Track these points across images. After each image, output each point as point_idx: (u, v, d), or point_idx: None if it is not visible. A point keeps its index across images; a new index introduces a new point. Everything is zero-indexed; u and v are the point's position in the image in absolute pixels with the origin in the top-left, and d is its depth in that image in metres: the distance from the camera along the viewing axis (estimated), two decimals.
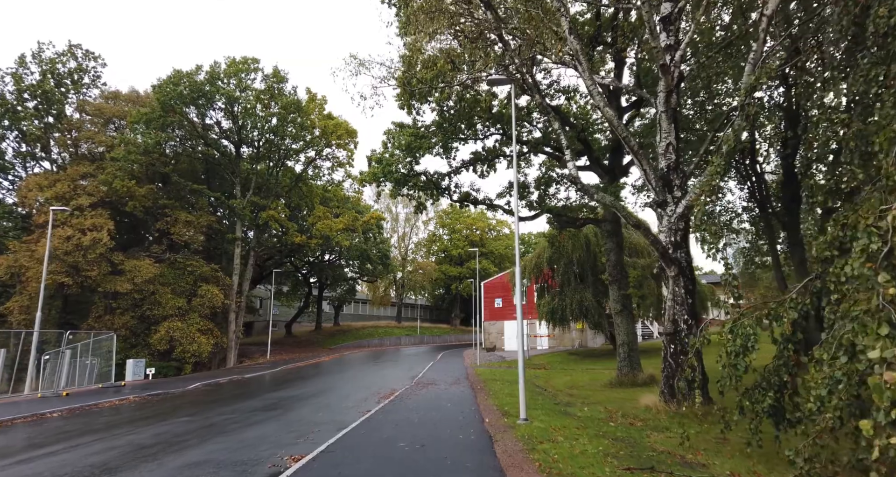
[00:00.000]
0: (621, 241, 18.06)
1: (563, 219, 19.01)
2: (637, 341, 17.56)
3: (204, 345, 31.38)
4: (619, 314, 17.45)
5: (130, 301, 30.24)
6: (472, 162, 20.53)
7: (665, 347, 10.48)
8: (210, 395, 17.67)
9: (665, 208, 10.53)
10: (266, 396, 16.17)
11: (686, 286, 10.29)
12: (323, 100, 37.72)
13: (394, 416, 11.35)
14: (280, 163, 38.82)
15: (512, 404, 12.07)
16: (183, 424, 11.07)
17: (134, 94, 34.56)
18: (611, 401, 12.83)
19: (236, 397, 16.37)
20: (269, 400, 15.18)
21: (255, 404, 14.17)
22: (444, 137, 18.92)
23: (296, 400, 14.93)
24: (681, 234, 10.40)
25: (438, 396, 15.02)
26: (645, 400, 10.85)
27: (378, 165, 18.26)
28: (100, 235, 28.03)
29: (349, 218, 40.18)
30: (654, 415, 10.02)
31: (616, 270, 17.63)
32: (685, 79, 11.35)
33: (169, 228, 32.26)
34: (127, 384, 23.16)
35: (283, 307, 58.74)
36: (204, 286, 32.75)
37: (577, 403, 12.78)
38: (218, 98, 32.05)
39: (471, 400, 13.72)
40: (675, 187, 10.48)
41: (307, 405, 13.67)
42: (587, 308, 28.11)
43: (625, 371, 17.01)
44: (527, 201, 19.57)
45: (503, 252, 66.52)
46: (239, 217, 34.92)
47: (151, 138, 29.97)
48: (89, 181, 30.73)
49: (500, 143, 20.20)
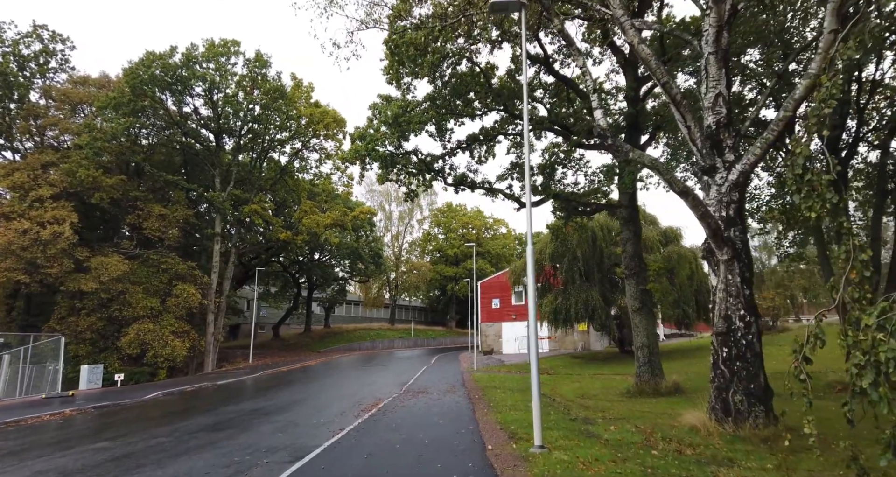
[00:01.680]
0: (639, 229, 15.85)
1: (572, 205, 16.79)
2: (658, 344, 15.37)
3: (178, 348, 28.90)
4: (638, 312, 15.22)
5: (97, 301, 27.75)
6: (468, 143, 18.29)
7: (715, 351, 8.24)
8: (161, 408, 15.29)
9: (713, 175, 8.32)
10: (225, 410, 13.78)
11: (742, 273, 8.07)
12: (310, 87, 35.45)
13: (371, 438, 9.07)
14: (264, 154, 36.45)
15: (519, 421, 9.79)
16: (89, 455, 8.64)
17: (104, 78, 32.14)
18: (638, 416, 10.57)
19: (188, 412, 13.99)
20: (226, 415, 12.81)
21: (205, 422, 11.79)
22: (436, 114, 16.66)
23: (258, 415, 12.59)
24: (734, 207, 8.19)
25: (430, 408, 12.74)
26: (688, 417, 8.59)
27: (362, 143, 15.95)
28: (61, 229, 25.59)
29: (338, 213, 37.81)
30: (704, 438, 7.77)
31: (634, 262, 15.41)
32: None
33: (141, 223, 29.78)
34: (78, 394, 20.68)
35: (272, 309, 56.21)
36: (180, 285, 30.30)
37: (597, 418, 10.52)
38: (194, 82, 29.67)
39: (468, 414, 11.44)
40: (726, 149, 8.27)
41: (269, 422, 11.33)
42: (593, 308, 25.90)
43: (645, 378, 14.78)
44: (531, 186, 17.25)
45: (500, 252, 64.29)
46: (218, 211, 32.50)
47: (120, 124, 27.53)
48: (54, 171, 28.30)
49: (501, 122, 17.98)
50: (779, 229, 17.98)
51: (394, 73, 16.83)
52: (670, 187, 7.65)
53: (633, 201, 15.75)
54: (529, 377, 21.07)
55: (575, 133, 16.56)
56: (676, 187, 7.55)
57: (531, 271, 7.62)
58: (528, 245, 7.30)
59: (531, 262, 7.74)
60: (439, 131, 18.18)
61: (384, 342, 52.15)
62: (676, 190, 7.57)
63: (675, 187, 7.56)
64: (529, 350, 7.17)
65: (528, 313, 26.36)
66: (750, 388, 7.76)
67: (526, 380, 20.98)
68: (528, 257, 7.74)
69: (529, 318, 7.40)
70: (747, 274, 8.12)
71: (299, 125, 34.83)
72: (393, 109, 15.53)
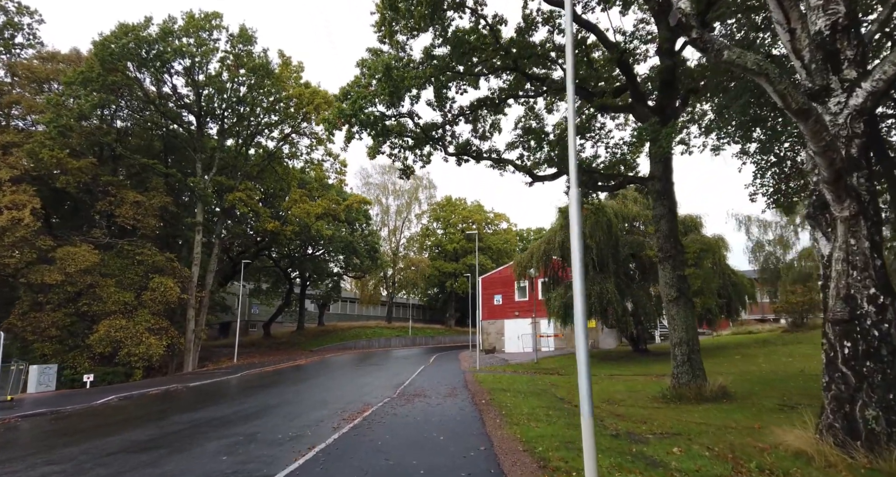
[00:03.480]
0: (675, 205, 13.44)
1: (594, 179, 14.37)
2: (698, 339, 12.98)
3: (154, 347, 26.42)
4: (675, 302, 12.84)
5: (63, 295, 25.27)
6: (472, 111, 15.86)
7: (831, 346, 5.85)
8: (101, 417, 12.78)
9: (826, 100, 5.94)
10: (175, 420, 11.31)
11: (871, 236, 5.68)
12: (299, 66, 32.97)
13: (347, 461, 6.67)
14: (251, 139, 33.95)
15: (546, 438, 7.40)
16: None
17: (75, 54, 29.63)
18: (696, 430, 8.18)
19: (128, 423, 11.49)
20: (171, 427, 10.35)
21: (137, 437, 9.30)
22: (435, 71, 14.21)
23: (213, 426, 10.16)
24: (859, 145, 5.80)
25: (428, 417, 10.34)
26: (788, 438, 6.19)
27: (347, 102, 13.47)
28: (21, 215, 23.11)
29: (329, 202, 35.32)
30: (822, 472, 5.38)
31: (669, 244, 13.02)
32: None
33: (113, 210, 27.30)
34: (24, 398, 18.20)
35: (264, 306, 53.71)
36: (157, 278, 27.81)
37: (645, 433, 8.13)
38: (170, 56, 27.14)
39: (476, 427, 9.05)
40: (844, 63, 5.89)
41: (220, 437, 8.90)
42: (608, 302, 23.49)
43: (684, 380, 12.40)
44: (545, 155, 14.81)
45: (501, 247, 61.95)
46: (200, 198, 30.03)
47: (88, 101, 25.04)
48: (17, 152, 25.79)
49: (512, 83, 15.53)
50: None
51: (387, 28, 14.44)
52: (783, 103, 5.26)
53: (668, 171, 13.36)
54: (540, 378, 18.61)
55: (597, 95, 14.16)
56: (793, 103, 5.15)
57: (577, 236, 5.21)
58: (572, 190, 4.90)
59: (577, 219, 5.31)
60: (439, 99, 15.77)
61: (381, 341, 49.74)
62: (793, 107, 5.17)
63: (791, 103, 5.16)
64: (578, 346, 4.77)
65: (533, 310, 23.64)
66: (889, 399, 5.36)
67: (536, 381, 18.58)
68: (573, 212, 5.32)
69: (576, 304, 5.00)
70: (877, 237, 5.73)
71: (287, 107, 32.37)
72: (385, 60, 13.08)
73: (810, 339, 23.73)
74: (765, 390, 12.74)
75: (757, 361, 20.42)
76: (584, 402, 4.61)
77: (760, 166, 13.76)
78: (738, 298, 26.06)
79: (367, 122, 14.05)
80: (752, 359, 20.94)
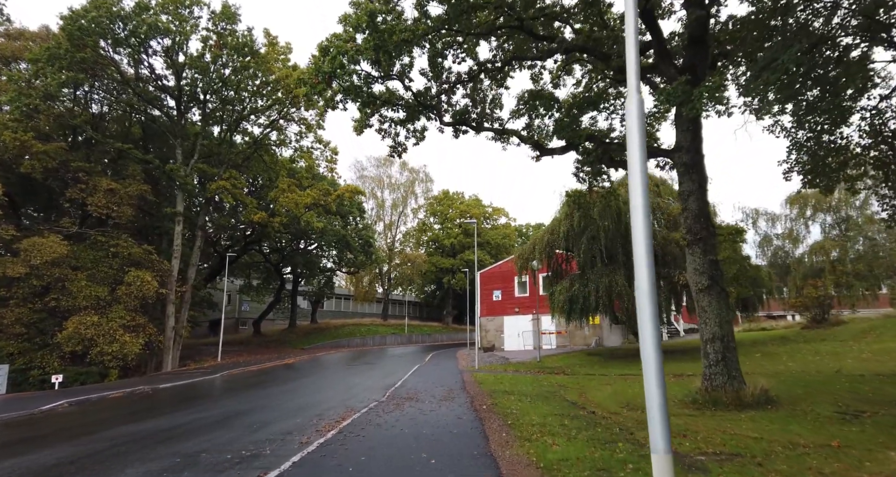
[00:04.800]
0: (705, 180, 11.66)
1: (610, 152, 12.56)
2: (734, 334, 11.23)
3: (130, 345, 24.56)
4: (706, 292, 11.07)
5: (28, 289, 23.39)
6: (472, 78, 14.03)
7: None
8: (28, 428, 10.79)
9: None
10: (113, 433, 9.40)
11: None
12: (287, 48, 31.04)
13: None
14: (235, 125, 32.01)
15: (569, 462, 5.63)
16: None
17: (45, 31, 27.67)
18: (757, 448, 6.40)
19: (58, 435, 9.59)
20: (100, 443, 8.47)
21: (45, 461, 7.44)
22: (429, 30, 12.38)
23: (154, 443, 8.32)
24: None
25: (418, 428, 8.55)
26: None
27: (326, 58, 11.60)
28: None
29: (319, 192, 33.42)
30: None
31: (699, 224, 11.25)
32: None
33: (85, 198, 25.35)
34: None
35: (254, 303, 51.84)
36: (133, 272, 25.89)
37: (693, 451, 6.35)
38: (146, 32, 25.17)
39: (477, 442, 7.26)
40: None
41: (156, 458, 7.08)
42: (618, 295, 21.70)
43: (718, 382, 10.63)
44: (555, 122, 12.91)
45: (500, 242, 60.17)
46: (180, 186, 28.15)
47: (55, 79, 23.12)
48: None
49: (517, 45, 13.69)
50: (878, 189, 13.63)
51: None
52: None
53: (697, 140, 11.58)
54: (545, 379, 16.56)
55: (614, 56, 12.36)
56: None
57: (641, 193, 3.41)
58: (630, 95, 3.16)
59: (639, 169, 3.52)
60: (433, 68, 13.94)
61: (375, 339, 47.93)
62: None
63: None
64: (642, 343, 3.00)
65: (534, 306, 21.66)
66: None
67: (542, 382, 16.80)
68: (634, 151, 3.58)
69: (639, 289, 3.22)
70: None
71: (275, 90, 30.47)
72: (371, 7, 11.22)
73: (834, 335, 22.03)
74: (810, 394, 10.99)
75: (781, 359, 18.68)
76: (658, 435, 2.82)
77: (796, 141, 12.02)
78: (756, 292, 24.33)
79: (351, 89, 12.23)
80: (776, 357, 19.21)
